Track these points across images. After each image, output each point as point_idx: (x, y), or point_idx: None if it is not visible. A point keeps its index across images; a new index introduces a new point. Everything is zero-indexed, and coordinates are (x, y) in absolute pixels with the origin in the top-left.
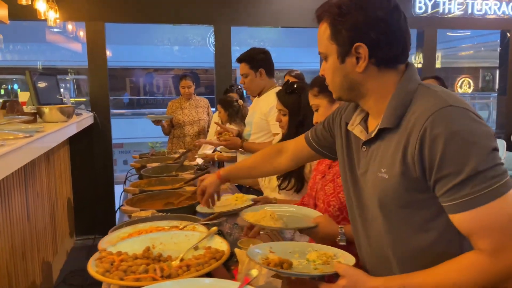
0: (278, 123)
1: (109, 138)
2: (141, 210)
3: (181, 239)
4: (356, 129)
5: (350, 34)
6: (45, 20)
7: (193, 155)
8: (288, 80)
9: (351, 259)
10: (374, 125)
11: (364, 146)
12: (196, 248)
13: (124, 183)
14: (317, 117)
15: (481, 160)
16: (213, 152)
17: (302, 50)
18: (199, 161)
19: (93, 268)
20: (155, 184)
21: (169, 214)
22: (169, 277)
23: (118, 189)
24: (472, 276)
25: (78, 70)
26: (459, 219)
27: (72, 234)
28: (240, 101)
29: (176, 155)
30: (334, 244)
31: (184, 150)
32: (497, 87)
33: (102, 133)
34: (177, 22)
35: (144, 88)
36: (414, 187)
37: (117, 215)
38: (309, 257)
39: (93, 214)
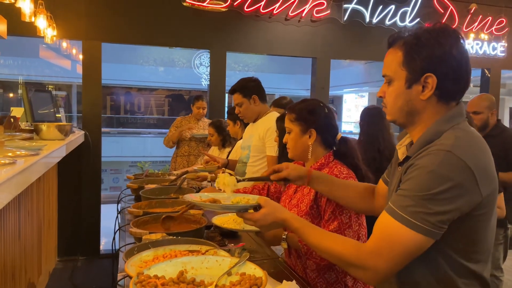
0: (272, 146)
1: (99, 157)
2: (150, 233)
3: (212, 264)
4: (401, 150)
5: (423, 64)
6: (43, 37)
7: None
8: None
9: (267, 198)
10: None
11: (399, 167)
12: (229, 273)
13: (118, 203)
14: (287, 138)
15: (423, 193)
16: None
17: (284, 76)
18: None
19: None
20: (155, 206)
21: (179, 238)
22: None
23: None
24: (342, 249)
25: (60, 86)
26: (381, 215)
27: (54, 255)
28: None
29: (172, 177)
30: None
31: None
32: None
33: (92, 152)
34: (174, 45)
35: (125, 106)
36: None
37: (117, 236)
38: (233, 200)
39: (77, 235)
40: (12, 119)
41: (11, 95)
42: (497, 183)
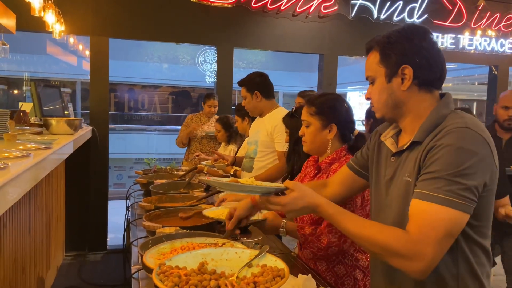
0: (282, 141)
1: (106, 153)
2: (163, 227)
3: (232, 256)
4: (388, 141)
5: (398, 58)
6: (51, 32)
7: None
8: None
9: (296, 182)
10: (405, 140)
11: (393, 157)
12: (250, 265)
13: (127, 198)
14: (304, 131)
15: (455, 170)
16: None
17: (289, 74)
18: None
19: (160, 282)
20: (166, 201)
21: (193, 231)
22: None
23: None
24: (386, 239)
25: (64, 83)
26: (414, 203)
27: (62, 250)
28: None
29: (180, 173)
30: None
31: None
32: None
33: (99, 147)
34: (181, 41)
35: (128, 103)
36: None
37: (130, 229)
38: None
39: (84, 230)
40: (21, 114)
41: (15, 91)
42: None
